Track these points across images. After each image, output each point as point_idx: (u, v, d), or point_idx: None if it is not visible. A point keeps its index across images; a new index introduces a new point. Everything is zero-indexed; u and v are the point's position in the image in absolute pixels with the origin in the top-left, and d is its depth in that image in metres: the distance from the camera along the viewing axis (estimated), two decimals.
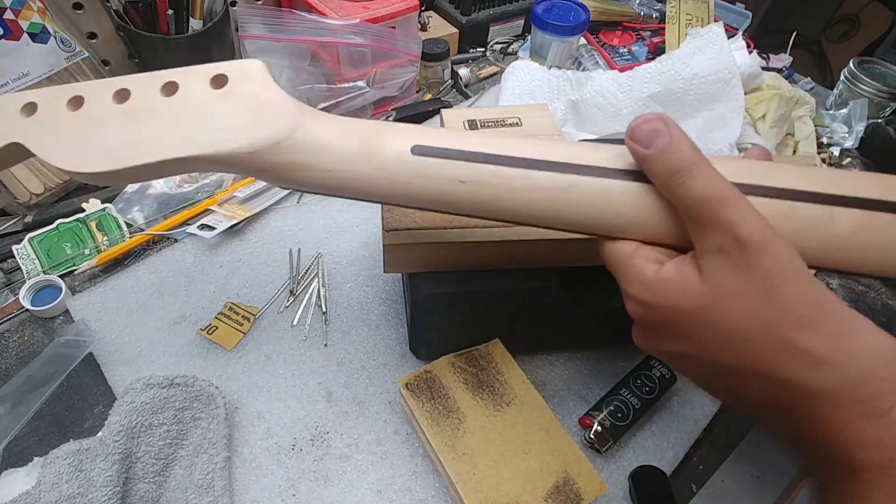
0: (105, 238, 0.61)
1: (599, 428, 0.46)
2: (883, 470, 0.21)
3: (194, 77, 0.29)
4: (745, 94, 0.71)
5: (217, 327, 0.54)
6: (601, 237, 0.29)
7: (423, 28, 0.87)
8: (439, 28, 0.89)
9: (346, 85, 0.71)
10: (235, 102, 0.28)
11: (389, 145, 0.29)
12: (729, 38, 0.74)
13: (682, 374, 0.28)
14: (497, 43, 0.94)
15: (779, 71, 0.90)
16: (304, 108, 0.29)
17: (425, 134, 0.29)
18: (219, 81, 0.28)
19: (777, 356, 0.23)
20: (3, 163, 0.31)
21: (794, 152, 0.75)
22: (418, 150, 0.29)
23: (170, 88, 0.29)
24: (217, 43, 0.70)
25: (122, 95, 0.29)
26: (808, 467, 0.25)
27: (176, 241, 0.63)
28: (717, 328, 0.24)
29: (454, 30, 0.88)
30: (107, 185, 0.65)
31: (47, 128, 0.29)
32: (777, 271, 0.23)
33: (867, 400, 0.21)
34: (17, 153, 0.29)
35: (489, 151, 0.29)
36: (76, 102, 0.29)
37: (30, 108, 0.29)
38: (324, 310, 0.57)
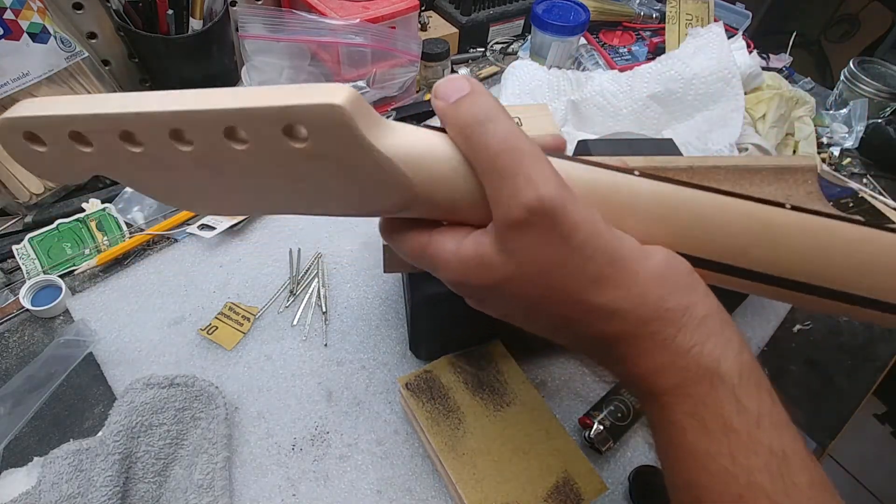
0: (105, 238, 0.61)
1: (600, 428, 0.46)
2: (677, 389, 0.23)
3: (260, 122, 0.21)
4: (745, 94, 0.71)
5: (217, 327, 0.54)
6: (395, 234, 0.27)
7: (423, 28, 0.87)
8: (439, 28, 0.89)
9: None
10: (329, 170, 0.22)
11: None
12: (729, 38, 0.74)
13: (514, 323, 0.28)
14: (497, 43, 0.94)
15: (779, 71, 0.90)
16: (394, 146, 0.22)
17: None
18: (293, 134, 0.21)
19: (577, 315, 0.24)
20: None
21: (795, 152, 0.75)
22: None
23: (231, 133, 0.22)
24: (217, 43, 0.70)
25: (180, 137, 0.23)
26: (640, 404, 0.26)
27: (176, 241, 0.63)
28: (522, 298, 0.24)
29: (454, 30, 0.88)
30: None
31: (124, 164, 0.24)
32: (578, 232, 0.22)
33: (657, 332, 0.23)
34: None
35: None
36: (130, 139, 0.23)
37: (81, 139, 0.23)
38: (324, 310, 0.57)
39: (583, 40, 0.88)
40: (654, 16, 0.92)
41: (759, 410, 0.22)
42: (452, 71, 0.85)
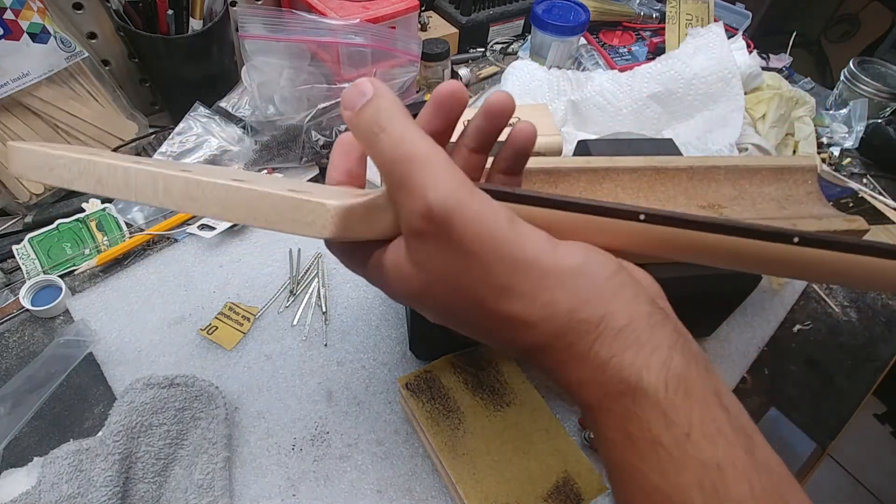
0: (105, 238, 0.61)
1: None
2: (601, 404, 0.22)
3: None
4: (745, 94, 0.71)
5: (217, 327, 0.54)
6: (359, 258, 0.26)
7: (423, 28, 0.87)
8: (439, 28, 0.89)
9: (346, 85, 0.70)
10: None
11: None
12: (729, 38, 0.74)
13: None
14: (497, 43, 0.94)
15: (779, 71, 0.90)
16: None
17: None
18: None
19: (492, 326, 0.23)
20: None
21: (794, 152, 0.75)
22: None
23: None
24: (217, 43, 0.70)
25: None
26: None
27: (176, 241, 0.63)
28: (442, 306, 0.24)
29: (454, 30, 0.88)
30: None
31: None
32: (469, 239, 0.21)
33: (573, 343, 0.22)
34: None
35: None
36: None
37: None
38: (324, 310, 0.57)
39: (583, 40, 0.88)
40: (654, 16, 0.92)
41: (690, 422, 0.20)
42: (453, 71, 0.85)
